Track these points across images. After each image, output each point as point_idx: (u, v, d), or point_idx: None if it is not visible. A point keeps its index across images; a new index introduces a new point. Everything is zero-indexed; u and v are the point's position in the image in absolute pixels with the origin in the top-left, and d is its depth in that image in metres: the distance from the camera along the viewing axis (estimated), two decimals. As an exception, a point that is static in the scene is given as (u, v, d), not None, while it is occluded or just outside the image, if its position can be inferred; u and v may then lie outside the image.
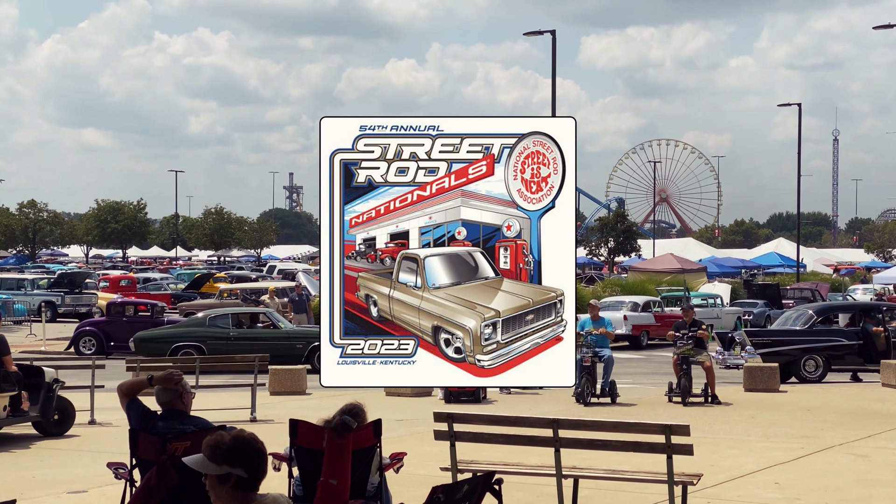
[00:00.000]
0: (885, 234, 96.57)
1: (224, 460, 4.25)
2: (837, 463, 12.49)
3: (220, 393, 18.09)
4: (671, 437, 8.90)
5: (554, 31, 34.81)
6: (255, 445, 4.33)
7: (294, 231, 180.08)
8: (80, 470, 12.08)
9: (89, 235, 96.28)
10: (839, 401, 18.80)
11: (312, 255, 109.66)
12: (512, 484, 9.53)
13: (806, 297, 41.45)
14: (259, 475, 4.32)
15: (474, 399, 18.36)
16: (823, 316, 24.34)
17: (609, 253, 74.71)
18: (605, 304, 33.78)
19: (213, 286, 46.36)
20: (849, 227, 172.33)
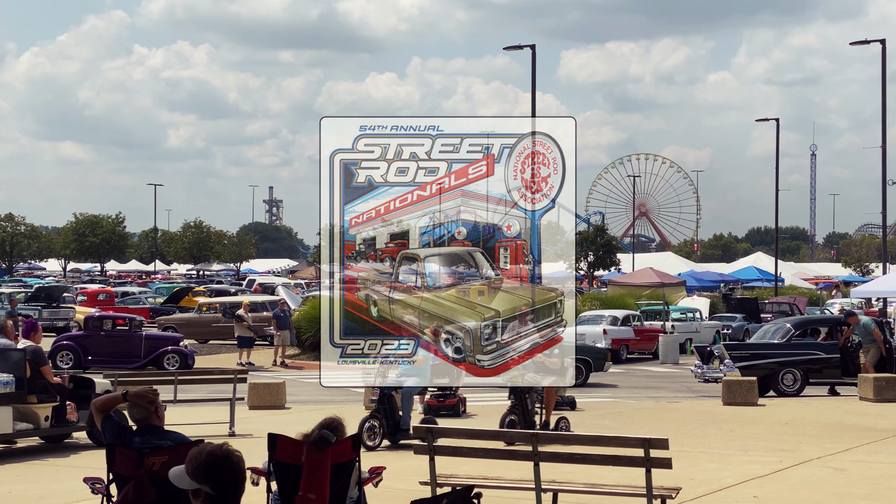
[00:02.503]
0: (863, 249, 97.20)
1: (194, 476, 4.23)
2: (815, 476, 12.54)
3: (199, 407, 18.01)
4: (650, 450, 8.92)
5: (534, 45, 34.97)
6: (228, 462, 4.27)
7: (274, 245, 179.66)
8: (58, 485, 12.00)
9: (67, 249, 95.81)
10: (817, 414, 18.88)
11: (292, 269, 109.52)
12: (491, 498, 9.51)
13: (784, 311, 41.63)
14: (229, 493, 4.25)
15: (453, 413, 18.35)
16: (801, 330, 24.45)
17: (589, 267, 74.84)
18: (584, 318, 33.87)
19: (192, 300, 46.17)
20: (826, 241, 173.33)
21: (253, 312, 32.49)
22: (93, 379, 15.69)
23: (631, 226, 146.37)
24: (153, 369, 26.67)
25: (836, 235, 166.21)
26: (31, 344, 14.86)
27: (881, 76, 35.25)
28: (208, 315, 37.44)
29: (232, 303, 38.18)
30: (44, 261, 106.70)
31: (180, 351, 27.98)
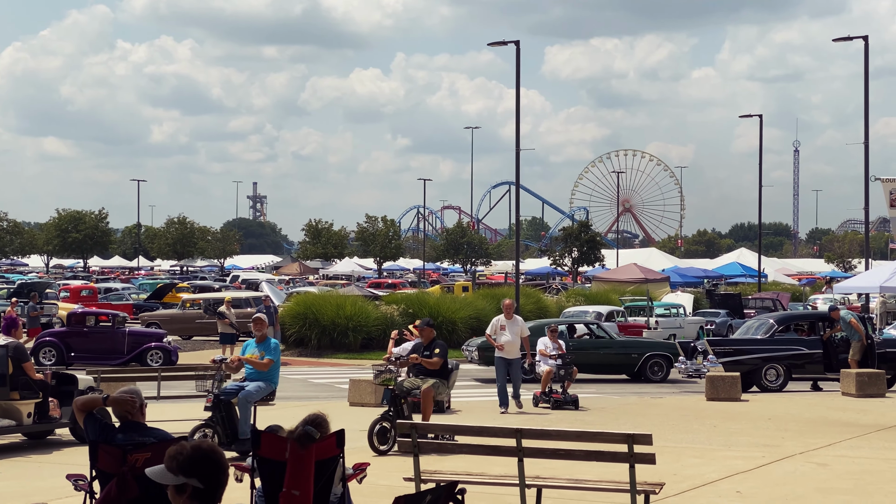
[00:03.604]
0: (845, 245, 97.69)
1: (181, 470, 4.24)
2: (798, 471, 12.59)
3: (182, 403, 17.95)
4: (634, 446, 8.93)
5: (518, 41, 34.92)
6: (214, 456, 4.31)
7: (258, 241, 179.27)
8: (41, 482, 11.94)
9: (50, 245, 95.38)
10: (800, 410, 18.96)
11: (276, 265, 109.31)
12: (475, 494, 9.53)
13: (767, 307, 41.79)
14: (216, 486, 4.30)
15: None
16: (784, 325, 24.55)
17: (573, 263, 74.96)
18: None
19: (176, 296, 46.03)
20: (809, 237, 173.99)
21: (236, 308, 32.40)
22: (75, 375, 15.63)
23: (615, 222, 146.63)
24: (136, 365, 26.55)
25: (819, 231, 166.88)
26: (12, 340, 14.80)
27: (864, 72, 35.37)
28: (192, 311, 37.33)
29: (215, 299, 38.12)
30: (26, 257, 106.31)
31: (163, 347, 27.89)
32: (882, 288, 35.03)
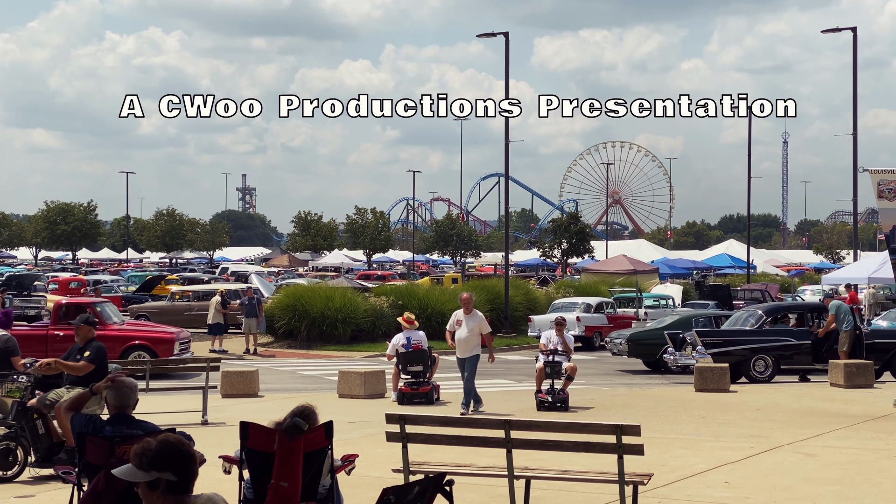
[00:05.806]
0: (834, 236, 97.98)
1: (151, 466, 4.23)
2: (786, 462, 12.63)
3: (171, 396, 17.94)
4: (622, 437, 8.95)
5: (507, 32, 34.91)
6: (182, 448, 4.31)
7: (247, 233, 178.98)
8: (28, 474, 11.90)
9: (38, 237, 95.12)
10: (788, 401, 19.01)
11: (266, 257, 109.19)
12: (464, 485, 9.54)
13: (756, 298, 41.88)
14: (189, 477, 4.30)
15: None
16: (773, 316, 24.61)
17: (562, 254, 75.04)
18: (558, 305, 33.94)
19: (165, 288, 45.95)
20: (798, 228, 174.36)
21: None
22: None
23: (604, 213, 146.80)
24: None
25: (808, 223, 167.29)
26: (4, 333, 14.73)
27: (852, 64, 35.50)
28: (181, 303, 37.27)
29: (205, 291, 38.04)
30: (15, 249, 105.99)
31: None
32: (871, 279, 35.19)
